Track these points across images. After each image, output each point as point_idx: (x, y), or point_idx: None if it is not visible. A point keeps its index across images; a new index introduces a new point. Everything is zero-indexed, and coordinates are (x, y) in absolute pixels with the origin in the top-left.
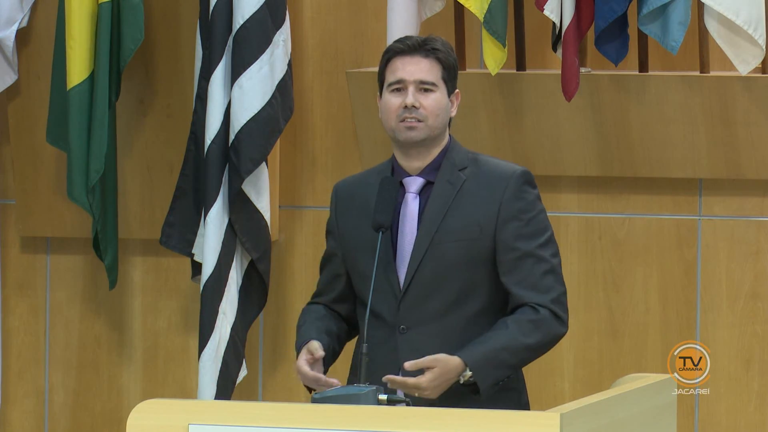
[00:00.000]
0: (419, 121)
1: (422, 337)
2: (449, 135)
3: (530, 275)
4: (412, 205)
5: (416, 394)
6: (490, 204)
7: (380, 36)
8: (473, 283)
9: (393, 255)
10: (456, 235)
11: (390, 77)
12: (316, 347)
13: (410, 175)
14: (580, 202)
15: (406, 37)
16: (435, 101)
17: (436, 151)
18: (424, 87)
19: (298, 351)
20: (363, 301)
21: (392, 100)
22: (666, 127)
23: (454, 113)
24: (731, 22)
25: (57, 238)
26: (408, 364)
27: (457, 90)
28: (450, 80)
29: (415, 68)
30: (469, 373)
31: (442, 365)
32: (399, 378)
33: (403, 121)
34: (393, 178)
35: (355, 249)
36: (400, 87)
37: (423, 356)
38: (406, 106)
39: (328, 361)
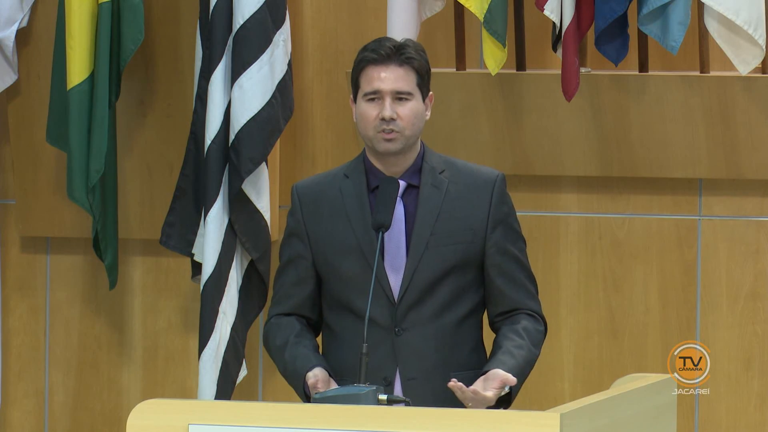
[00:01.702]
0: (396, 132)
1: (418, 338)
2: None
3: (520, 279)
4: (397, 209)
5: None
6: (479, 208)
7: (380, 36)
8: (464, 286)
9: (381, 257)
10: (451, 238)
11: (365, 87)
12: (323, 377)
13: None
14: (580, 202)
15: (379, 44)
16: (411, 110)
17: (412, 156)
18: (400, 96)
19: (300, 377)
20: (345, 304)
21: (369, 111)
22: (666, 127)
23: (428, 116)
24: (731, 22)
25: (57, 238)
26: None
27: (431, 92)
28: (424, 85)
29: (390, 78)
30: (507, 389)
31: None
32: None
33: (381, 132)
34: (394, 178)
35: (333, 253)
36: (375, 97)
37: (419, 357)
38: (383, 118)
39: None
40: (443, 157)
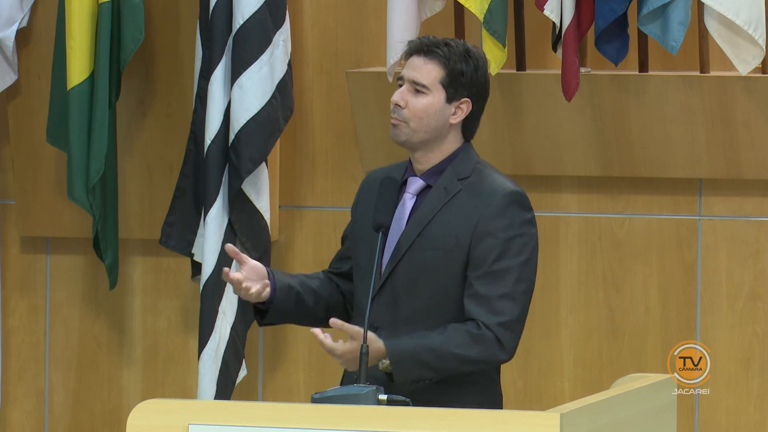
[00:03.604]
0: (401, 121)
1: (389, 339)
2: (465, 142)
3: (485, 294)
4: (407, 206)
5: (331, 356)
6: (471, 219)
7: (380, 36)
8: (444, 293)
9: (381, 255)
10: (434, 243)
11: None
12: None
13: (415, 175)
14: (580, 202)
15: (425, 36)
16: (422, 105)
17: (437, 156)
18: (416, 88)
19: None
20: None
21: (393, 95)
22: (666, 127)
23: (454, 121)
24: (731, 22)
25: (57, 238)
26: (333, 321)
27: (466, 99)
28: (454, 86)
29: (414, 68)
30: (386, 362)
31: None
32: (321, 335)
33: (392, 117)
34: (394, 178)
35: (356, 239)
36: (400, 83)
37: None
38: (392, 102)
39: (283, 298)
40: (479, 164)
